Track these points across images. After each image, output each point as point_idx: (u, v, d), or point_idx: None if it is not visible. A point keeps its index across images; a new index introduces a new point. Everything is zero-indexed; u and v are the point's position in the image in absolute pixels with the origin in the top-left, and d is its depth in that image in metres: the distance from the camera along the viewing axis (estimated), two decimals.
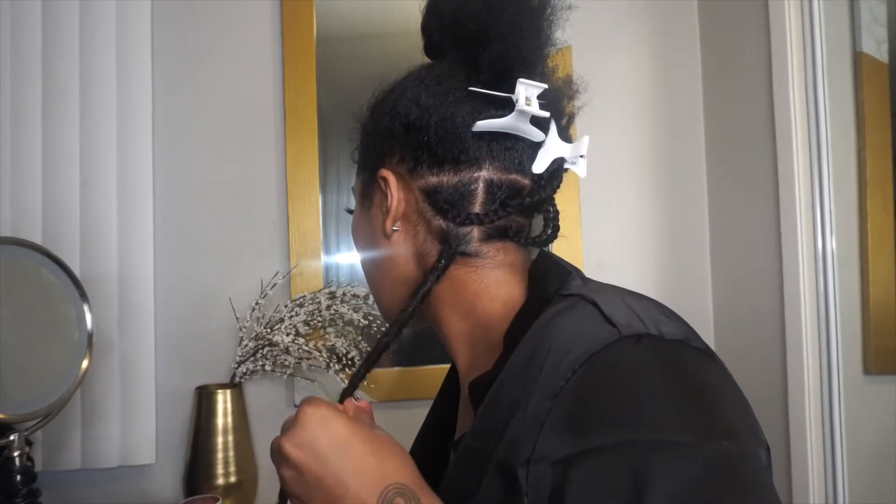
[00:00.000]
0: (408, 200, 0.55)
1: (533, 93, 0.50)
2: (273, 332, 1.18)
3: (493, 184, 0.53)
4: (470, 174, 0.53)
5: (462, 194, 0.53)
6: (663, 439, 0.37)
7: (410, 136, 0.53)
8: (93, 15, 1.19)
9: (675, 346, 0.43)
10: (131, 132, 1.22)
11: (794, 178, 1.13)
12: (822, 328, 1.10)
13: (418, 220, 0.55)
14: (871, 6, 1.13)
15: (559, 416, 0.40)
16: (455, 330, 0.56)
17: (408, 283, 0.56)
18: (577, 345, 0.42)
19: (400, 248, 0.56)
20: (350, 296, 1.25)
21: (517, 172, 0.53)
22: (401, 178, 0.55)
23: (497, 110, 0.51)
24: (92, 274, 1.16)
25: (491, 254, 0.54)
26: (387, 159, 0.56)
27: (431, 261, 0.54)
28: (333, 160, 1.35)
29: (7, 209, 1.14)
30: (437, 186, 0.53)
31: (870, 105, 1.12)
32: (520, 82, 0.49)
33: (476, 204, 0.53)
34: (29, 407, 0.90)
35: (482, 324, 0.54)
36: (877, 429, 1.12)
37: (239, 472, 1.14)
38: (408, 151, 0.54)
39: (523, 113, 0.50)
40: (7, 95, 1.15)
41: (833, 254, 1.11)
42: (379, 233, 0.57)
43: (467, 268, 0.54)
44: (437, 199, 0.53)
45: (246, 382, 1.22)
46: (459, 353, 0.57)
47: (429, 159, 0.53)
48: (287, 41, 1.32)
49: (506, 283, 0.54)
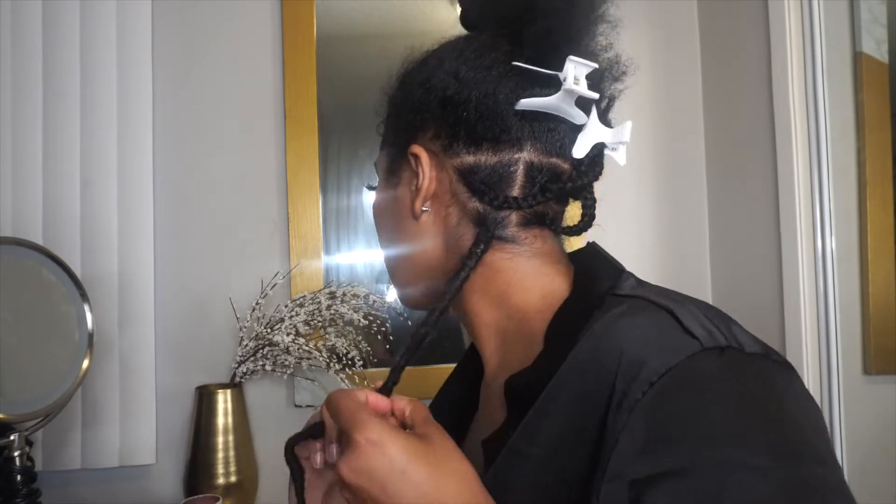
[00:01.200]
0: (440, 180, 0.51)
1: (582, 72, 0.47)
2: (273, 331, 1.18)
3: (534, 166, 0.50)
4: (510, 155, 0.49)
5: (501, 176, 0.49)
6: (751, 462, 0.35)
7: (447, 111, 0.50)
8: (93, 15, 1.20)
9: (758, 361, 0.41)
10: (132, 132, 1.22)
11: (794, 178, 1.13)
12: (821, 328, 1.10)
13: (451, 201, 0.51)
14: (871, 6, 1.13)
15: (636, 432, 0.37)
16: (485, 320, 0.53)
17: (433, 268, 0.53)
18: (654, 355, 0.39)
19: (428, 231, 0.53)
20: (350, 296, 1.25)
21: (558, 156, 0.50)
22: (434, 155, 0.51)
23: (542, 88, 0.48)
24: (92, 274, 1.16)
25: (528, 241, 0.51)
26: (419, 135, 0.52)
27: (463, 245, 0.51)
28: (333, 160, 1.35)
29: (8, 209, 1.14)
30: (474, 166, 0.50)
31: (870, 105, 1.12)
32: (570, 60, 0.46)
33: (515, 187, 0.50)
34: (29, 407, 0.90)
35: (517, 316, 0.51)
36: (876, 429, 1.12)
37: (239, 472, 1.14)
38: (443, 127, 0.50)
39: (570, 93, 0.47)
40: (8, 95, 1.15)
41: (833, 254, 1.11)
42: (406, 213, 0.53)
43: (503, 254, 0.51)
44: (473, 180, 0.50)
45: (246, 382, 1.22)
46: (487, 345, 0.54)
47: (466, 137, 0.49)
48: (287, 41, 1.32)
49: (543, 273, 0.51)
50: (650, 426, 0.37)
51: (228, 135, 1.32)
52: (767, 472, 0.35)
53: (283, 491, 0.69)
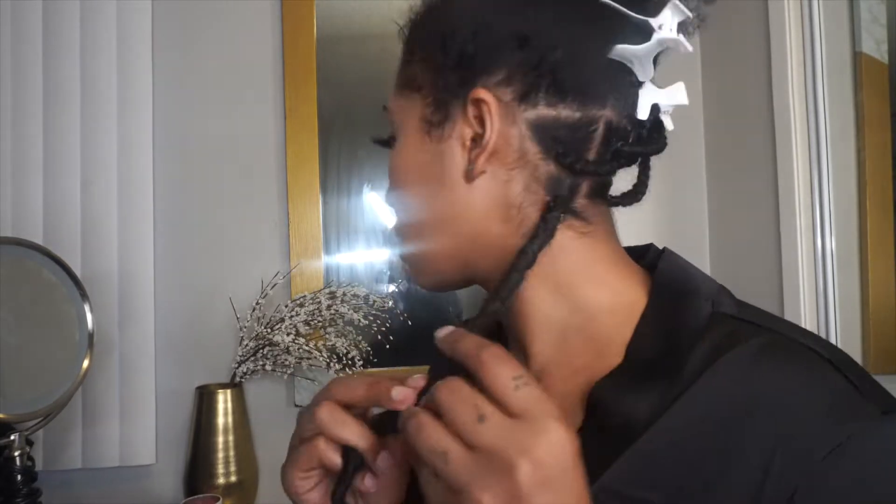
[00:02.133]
0: (507, 136, 0.42)
1: (678, 19, 0.41)
2: (273, 331, 1.18)
3: (612, 127, 0.43)
4: (594, 111, 0.42)
5: (583, 136, 0.42)
6: None
7: (528, 52, 0.41)
8: (93, 15, 1.20)
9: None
10: (132, 132, 1.22)
11: (794, 178, 1.13)
12: (821, 328, 1.10)
13: (517, 162, 0.42)
14: (871, 6, 1.13)
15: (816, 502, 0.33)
16: (544, 311, 0.44)
17: (484, 246, 0.44)
18: (825, 414, 0.34)
19: (484, 198, 0.43)
20: (350, 296, 1.25)
21: (627, 118, 0.43)
22: (502, 104, 0.42)
23: (633, 35, 0.41)
24: (92, 274, 1.16)
25: (596, 219, 0.44)
26: (483, 78, 0.42)
27: (530, 217, 0.43)
28: (333, 160, 1.35)
29: (8, 209, 1.14)
30: (554, 121, 0.42)
31: (869, 105, 1.12)
32: (671, 4, 0.40)
33: (592, 149, 0.43)
34: (29, 407, 0.90)
35: (583, 311, 0.44)
36: None
37: (239, 472, 1.14)
38: (520, 71, 0.41)
39: (662, 43, 0.41)
40: (8, 95, 1.15)
41: (832, 254, 1.11)
42: (454, 174, 0.43)
43: (574, 232, 0.43)
44: (552, 139, 0.42)
45: (246, 382, 1.22)
46: (538, 339, 0.45)
47: (552, 86, 0.41)
48: (287, 41, 1.32)
49: (615, 265, 0.45)
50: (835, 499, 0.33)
51: (228, 135, 1.32)
52: None
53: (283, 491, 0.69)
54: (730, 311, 0.41)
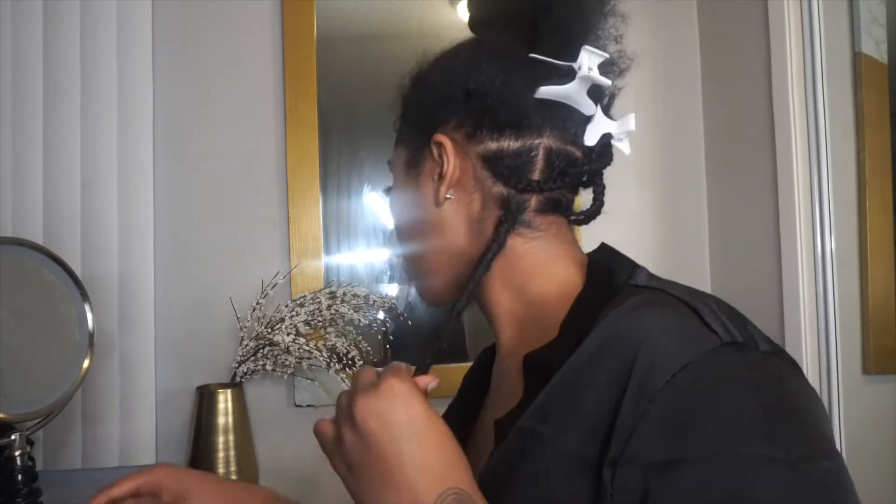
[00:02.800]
0: (464, 167, 0.53)
1: (595, 61, 0.50)
2: (274, 331, 1.18)
3: (553, 152, 0.52)
4: (531, 140, 0.52)
5: (523, 160, 0.52)
6: (766, 454, 0.37)
7: (471, 101, 0.52)
8: (93, 16, 1.19)
9: (772, 359, 0.43)
10: (132, 132, 1.22)
11: (794, 178, 1.14)
12: (821, 328, 1.11)
13: (474, 187, 0.54)
14: (871, 6, 1.13)
15: (655, 420, 0.39)
16: (505, 307, 0.55)
17: (457, 256, 0.55)
18: (674, 347, 0.41)
19: (452, 218, 0.55)
20: (350, 296, 1.25)
21: (572, 144, 0.53)
22: (457, 144, 0.54)
23: (558, 78, 0.50)
24: (92, 274, 1.16)
25: (544, 227, 0.54)
26: (441, 126, 0.55)
27: (487, 229, 0.53)
28: (333, 160, 1.35)
29: (8, 209, 1.14)
30: (497, 152, 0.52)
31: (869, 106, 1.12)
32: (585, 49, 0.49)
33: (536, 171, 0.52)
34: (30, 406, 0.90)
35: (535, 303, 0.53)
36: (876, 429, 1.12)
37: (239, 472, 1.14)
38: (466, 117, 0.53)
39: (585, 80, 0.50)
40: (8, 95, 1.15)
41: (832, 254, 1.11)
42: (430, 202, 0.55)
43: (523, 238, 0.53)
44: (497, 165, 0.52)
45: (246, 382, 1.22)
46: (504, 330, 0.56)
47: (490, 124, 0.52)
48: (287, 41, 1.32)
49: (561, 261, 0.54)
50: (669, 415, 0.39)
51: (228, 135, 1.32)
52: (783, 466, 0.36)
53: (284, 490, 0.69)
54: (641, 283, 0.49)
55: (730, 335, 0.41)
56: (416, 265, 0.60)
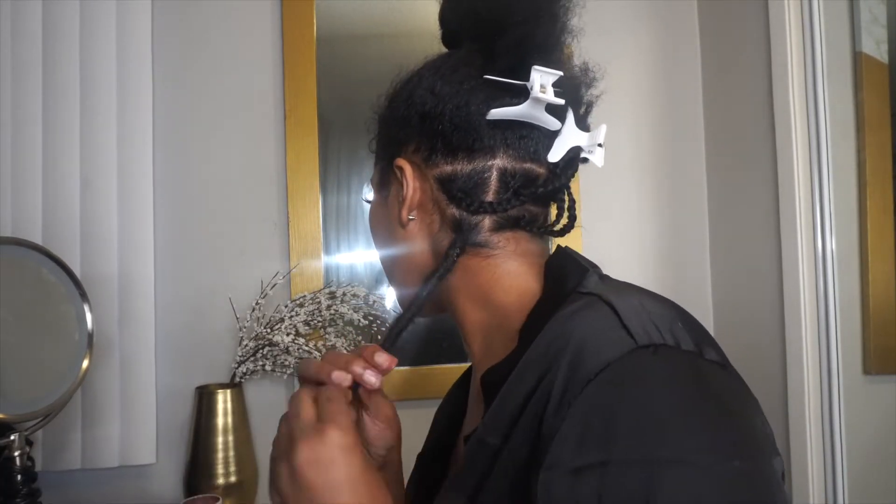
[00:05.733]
0: (423, 189, 0.54)
1: (548, 80, 0.50)
2: (273, 332, 1.18)
3: (507, 172, 0.53)
4: (483, 162, 0.52)
5: (476, 183, 0.53)
6: (677, 458, 0.37)
7: (426, 124, 0.53)
8: (93, 16, 1.19)
9: (692, 358, 0.43)
10: (132, 132, 1.22)
11: (794, 178, 1.13)
12: (821, 328, 1.10)
13: (433, 209, 0.55)
14: (871, 6, 1.13)
15: (574, 425, 0.40)
16: (471, 319, 0.56)
17: (422, 272, 0.56)
18: (593, 351, 0.42)
19: (416, 238, 0.56)
20: (350, 296, 1.25)
21: (532, 161, 0.53)
22: (416, 167, 0.54)
23: (513, 98, 0.51)
24: (92, 274, 1.16)
25: (501, 244, 0.54)
26: (403, 149, 0.56)
27: (444, 250, 0.54)
28: (333, 160, 1.35)
29: (7, 209, 1.14)
30: (451, 175, 0.53)
31: (869, 105, 1.12)
32: (534, 69, 0.49)
33: (489, 192, 0.53)
34: (29, 407, 0.90)
35: (498, 314, 0.54)
36: (876, 429, 1.12)
37: (239, 472, 1.14)
38: (423, 140, 0.54)
39: (538, 100, 0.50)
40: (7, 95, 1.15)
41: (833, 254, 1.11)
42: (395, 222, 0.57)
43: (479, 258, 0.54)
44: (451, 188, 0.53)
45: (246, 382, 1.23)
46: (473, 342, 0.57)
47: (443, 148, 0.53)
48: (287, 41, 1.32)
49: (519, 274, 0.54)
50: (586, 420, 0.39)
51: (228, 135, 1.32)
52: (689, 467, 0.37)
53: None
54: (587, 289, 0.49)
55: (647, 337, 0.42)
56: (388, 275, 0.62)
